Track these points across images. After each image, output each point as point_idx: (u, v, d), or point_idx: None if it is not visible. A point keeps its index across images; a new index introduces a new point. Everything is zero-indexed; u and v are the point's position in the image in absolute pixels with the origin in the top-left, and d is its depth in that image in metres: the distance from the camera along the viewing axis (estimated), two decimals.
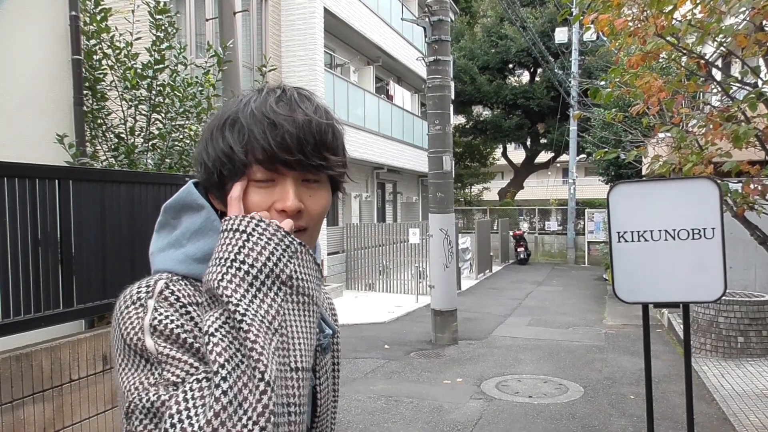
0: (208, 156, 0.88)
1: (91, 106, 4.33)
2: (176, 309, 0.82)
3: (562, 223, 22.20)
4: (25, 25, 3.77)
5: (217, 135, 0.88)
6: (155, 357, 0.80)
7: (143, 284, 0.87)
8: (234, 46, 5.29)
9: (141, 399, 0.79)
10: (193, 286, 0.87)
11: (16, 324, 2.88)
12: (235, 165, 0.85)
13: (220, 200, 0.91)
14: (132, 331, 0.82)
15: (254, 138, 0.84)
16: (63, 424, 3.11)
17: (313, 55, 12.77)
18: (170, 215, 0.94)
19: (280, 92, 0.90)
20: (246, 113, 0.86)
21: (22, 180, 2.88)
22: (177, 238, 0.91)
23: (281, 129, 0.84)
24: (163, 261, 0.91)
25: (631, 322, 9.76)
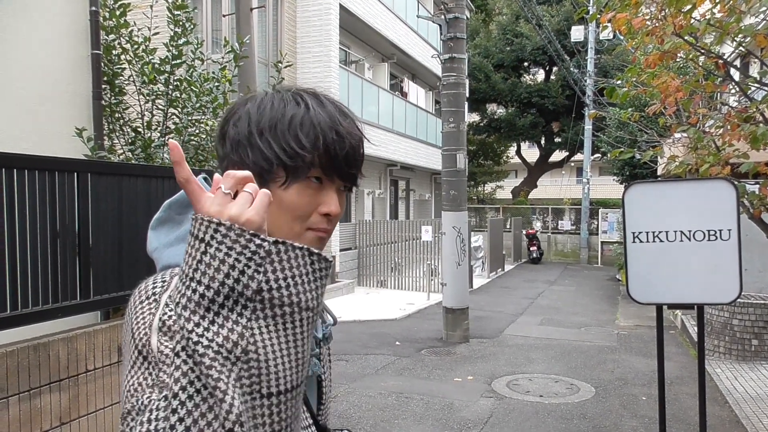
0: (269, 146, 0.88)
1: (109, 100, 4.38)
2: None
3: (575, 222, 22.08)
4: (46, 20, 3.82)
5: (286, 131, 0.88)
6: (155, 356, 0.77)
7: (159, 279, 0.86)
8: (250, 42, 5.32)
9: (138, 401, 0.76)
10: None
11: (34, 314, 2.92)
12: (302, 163, 0.88)
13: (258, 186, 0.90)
14: (141, 328, 0.80)
15: (326, 145, 0.88)
16: (78, 414, 3.16)
17: (328, 51, 12.78)
18: (175, 211, 0.95)
19: (336, 104, 0.94)
20: (313, 115, 0.89)
21: (42, 172, 2.93)
22: (185, 234, 0.91)
23: (346, 141, 0.90)
24: (172, 256, 0.91)
25: (643, 323, 9.70)
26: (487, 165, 28.50)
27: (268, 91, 0.96)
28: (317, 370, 1.02)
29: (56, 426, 3.02)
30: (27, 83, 3.73)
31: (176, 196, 0.96)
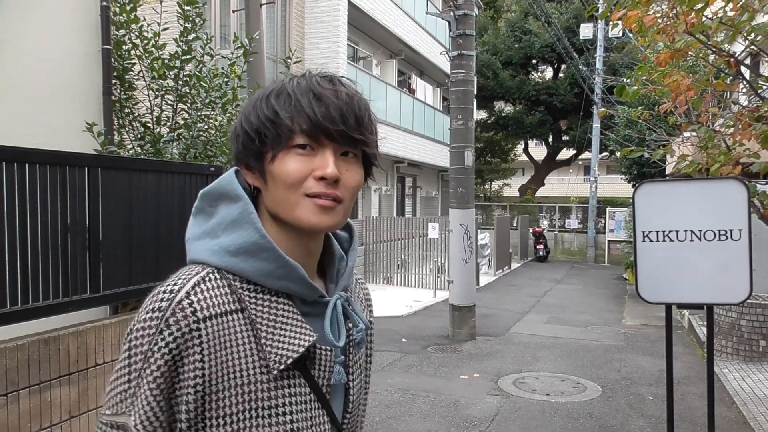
0: (251, 124, 0.90)
1: (119, 95, 4.40)
2: (183, 333, 0.82)
3: (582, 221, 22.01)
4: (58, 15, 3.84)
5: (262, 103, 0.90)
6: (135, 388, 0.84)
7: (170, 286, 0.86)
8: (259, 38, 5.32)
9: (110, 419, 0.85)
10: (228, 282, 0.88)
11: (45, 308, 2.94)
12: (280, 131, 0.87)
13: (257, 170, 0.92)
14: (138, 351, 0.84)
15: (301, 107, 0.87)
16: (87, 407, 3.17)
17: (337, 47, 12.78)
18: (207, 202, 0.95)
19: (322, 74, 0.93)
20: (292, 86, 0.90)
21: (53, 167, 2.94)
22: (212, 228, 0.92)
23: (326, 101, 0.88)
24: (198, 251, 0.92)
25: (650, 322, 9.67)
26: (494, 162, 28.43)
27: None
28: (341, 380, 0.98)
29: (66, 419, 3.04)
30: (38, 77, 3.75)
31: (209, 186, 0.96)
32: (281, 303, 0.90)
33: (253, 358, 0.87)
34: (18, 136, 3.13)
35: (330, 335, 0.93)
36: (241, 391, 0.85)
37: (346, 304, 0.99)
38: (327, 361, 0.94)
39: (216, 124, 4.73)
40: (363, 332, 1.03)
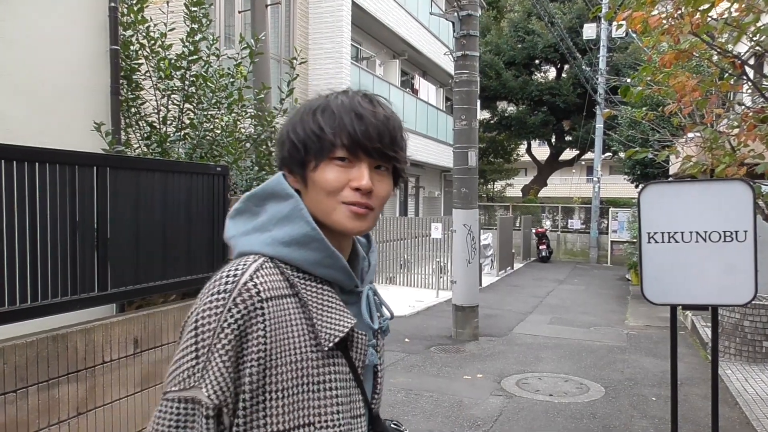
0: (297, 135, 1.01)
1: (125, 95, 4.42)
2: (249, 311, 0.91)
3: (585, 221, 22.01)
4: (67, 16, 3.86)
5: (308, 118, 1.01)
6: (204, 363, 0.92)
7: (232, 271, 0.95)
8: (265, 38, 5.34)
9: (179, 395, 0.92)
10: (280, 270, 0.99)
11: (53, 305, 2.96)
12: (323, 144, 0.98)
13: (299, 176, 1.03)
14: (207, 328, 0.92)
15: (343, 124, 0.98)
16: (95, 404, 3.19)
17: (340, 48, 12.80)
18: (253, 203, 1.05)
19: (362, 94, 1.04)
20: (336, 103, 1.00)
21: (63, 166, 2.96)
22: (263, 224, 1.02)
23: (366, 120, 0.99)
24: (248, 243, 1.01)
25: (653, 323, 9.67)
26: (497, 163, 28.42)
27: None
28: (374, 361, 1.11)
29: (73, 416, 3.06)
30: (48, 78, 3.77)
31: (256, 189, 1.06)
32: (326, 289, 1.01)
33: (306, 337, 0.97)
34: (29, 135, 3.16)
35: (367, 318, 1.07)
36: (296, 366, 0.95)
37: (375, 296, 1.12)
38: (362, 344, 1.05)
39: (222, 124, 4.75)
40: (388, 321, 1.16)
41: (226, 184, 4.04)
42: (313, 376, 0.96)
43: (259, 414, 0.93)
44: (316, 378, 0.96)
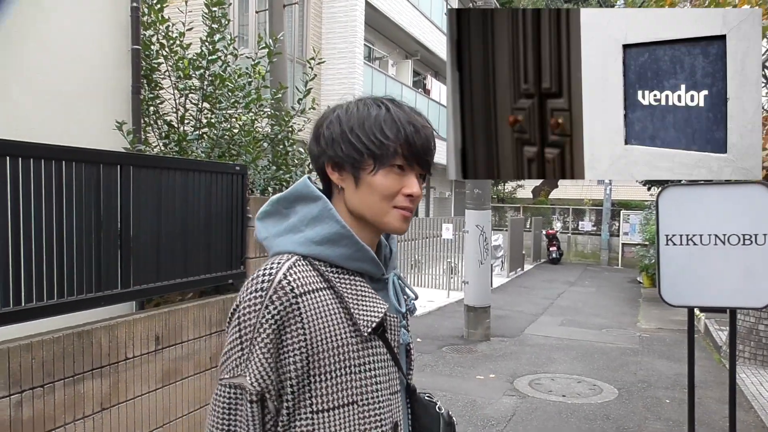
0: (359, 138, 1.07)
1: (145, 94, 4.47)
2: (285, 306, 1.00)
3: (596, 223, 21.93)
4: (90, 16, 3.92)
5: (372, 125, 1.07)
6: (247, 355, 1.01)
7: (268, 269, 1.04)
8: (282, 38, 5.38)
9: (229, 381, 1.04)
10: (313, 266, 1.07)
11: (79, 302, 3.01)
12: (386, 151, 1.06)
13: (350, 175, 1.10)
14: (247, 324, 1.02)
15: (405, 135, 1.08)
16: (118, 400, 3.24)
17: (353, 48, 12.84)
18: (283, 205, 1.13)
19: (409, 106, 1.15)
20: (398, 114, 1.09)
21: (88, 165, 3.01)
22: (294, 225, 1.10)
23: (422, 133, 1.10)
24: (283, 244, 1.09)
25: (666, 326, 9.64)
26: None
27: (351, 100, 1.14)
28: (407, 339, 1.22)
29: (98, 411, 3.10)
30: (70, 77, 3.83)
31: (285, 192, 1.14)
32: (358, 280, 1.10)
33: (344, 324, 1.05)
34: (52, 134, 3.20)
35: (396, 303, 1.16)
36: (337, 351, 1.03)
37: (400, 281, 1.22)
38: (395, 326, 1.15)
39: (239, 124, 4.79)
40: (414, 302, 1.26)
41: (245, 183, 4.08)
42: (354, 359, 1.05)
43: (306, 395, 1.02)
44: (357, 361, 1.05)
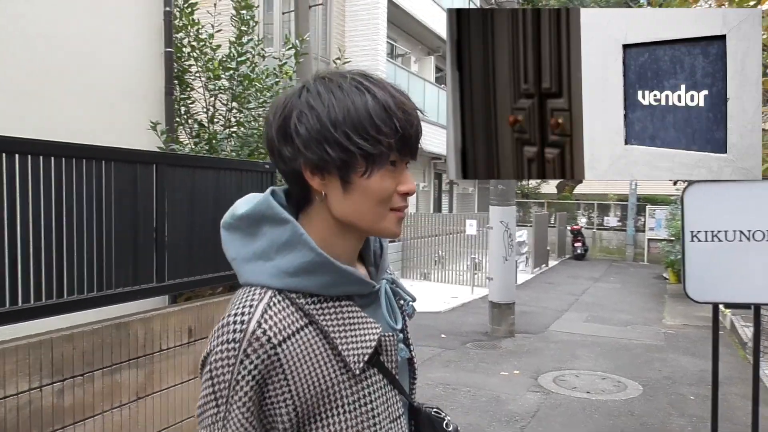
0: (349, 137, 0.88)
1: (177, 95, 4.61)
2: (262, 360, 0.86)
3: (621, 218, 21.71)
4: (127, 22, 4.07)
5: (364, 120, 0.88)
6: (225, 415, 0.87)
7: (239, 315, 0.89)
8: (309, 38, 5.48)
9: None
10: (290, 300, 0.92)
11: (117, 295, 3.15)
12: (382, 149, 0.89)
13: (337, 179, 0.91)
14: (221, 380, 0.87)
15: (401, 127, 0.90)
16: (153, 390, 3.37)
17: (376, 45, 12.92)
18: (245, 223, 0.95)
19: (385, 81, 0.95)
20: (387, 102, 0.90)
21: (126, 164, 3.14)
22: (264, 250, 0.93)
23: (414, 121, 0.93)
24: (253, 274, 0.93)
25: (691, 322, 9.56)
26: None
27: (311, 82, 0.93)
28: (406, 355, 1.07)
29: (133, 400, 3.24)
30: (109, 80, 3.97)
31: (248, 209, 0.95)
32: (344, 305, 0.95)
33: (332, 363, 0.92)
34: (92, 134, 3.35)
35: (390, 321, 1.01)
36: (327, 394, 0.91)
37: (392, 286, 1.07)
38: (392, 345, 1.00)
39: None
40: (412, 304, 1.12)
41: (274, 181, 4.19)
42: (347, 398, 0.93)
43: None
44: (350, 398, 0.93)
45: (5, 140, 2.56)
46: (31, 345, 2.62)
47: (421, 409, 1.12)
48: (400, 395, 1.03)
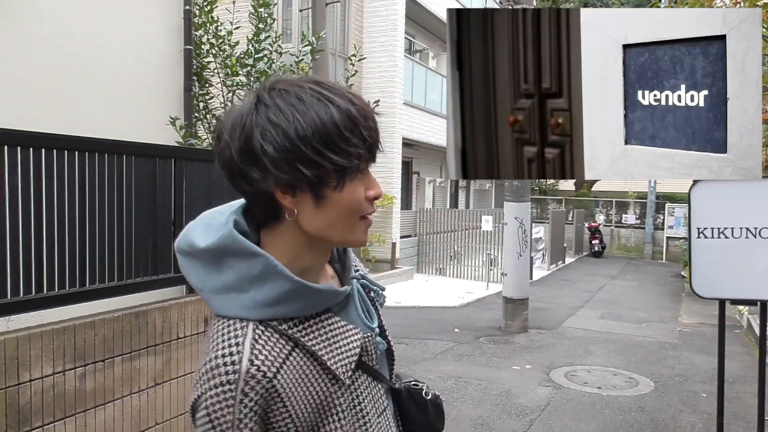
0: (319, 153, 0.85)
1: (195, 91, 4.72)
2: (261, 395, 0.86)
3: (640, 216, 21.56)
4: (147, 19, 4.19)
5: (332, 133, 0.86)
6: None
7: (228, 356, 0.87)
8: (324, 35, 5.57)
9: None
10: (273, 329, 0.91)
11: (137, 284, 3.27)
12: (355, 160, 0.88)
13: (310, 194, 0.89)
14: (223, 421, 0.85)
15: (363, 135, 0.89)
16: (170, 376, 3.49)
17: (394, 41, 12.97)
18: (207, 256, 0.92)
19: (336, 85, 0.92)
20: (351, 112, 0.88)
21: (146, 159, 3.25)
22: (234, 283, 0.91)
23: (375, 124, 0.91)
24: (228, 306, 0.91)
25: (707, 321, 9.51)
26: None
27: (264, 95, 0.89)
28: (383, 348, 1.09)
29: (152, 386, 3.36)
30: (130, 76, 4.10)
31: (210, 243, 0.91)
32: (323, 319, 0.96)
33: (323, 378, 0.93)
34: (114, 129, 3.47)
35: (366, 321, 1.03)
36: (323, 406, 0.93)
37: (361, 280, 1.08)
38: (371, 344, 1.03)
39: None
40: (383, 293, 1.13)
41: None
42: (341, 405, 0.95)
43: None
44: (343, 405, 0.95)
45: (34, 136, 2.68)
46: (55, 331, 2.75)
47: (400, 388, 1.15)
48: (382, 384, 1.07)
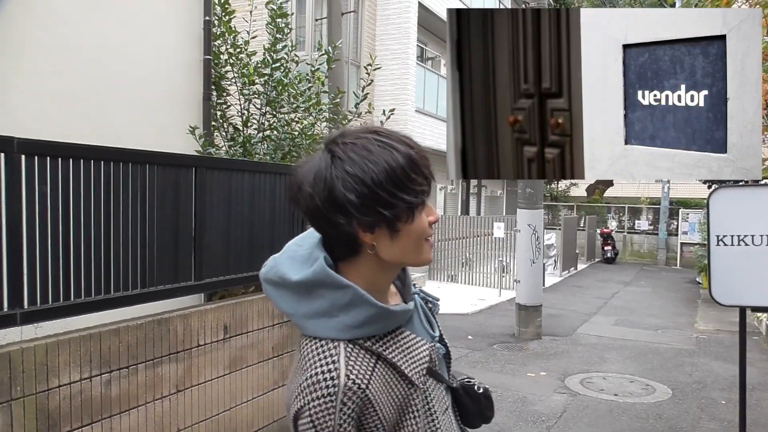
0: (394, 195, 1.01)
1: (214, 100, 4.78)
2: (357, 404, 1.02)
3: (653, 222, 21.42)
4: (168, 30, 4.25)
5: (402, 176, 1.01)
6: None
7: (326, 371, 1.02)
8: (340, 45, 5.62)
9: None
10: (361, 346, 1.06)
11: (158, 292, 3.31)
12: (423, 197, 1.05)
13: (386, 230, 1.03)
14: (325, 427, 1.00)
15: (425, 175, 1.05)
16: (191, 383, 3.53)
17: (406, 49, 13.02)
18: (299, 288, 1.08)
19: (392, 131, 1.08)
20: (410, 154, 1.03)
21: (168, 168, 3.30)
22: (326, 310, 1.06)
23: (429, 162, 1.07)
24: (320, 329, 1.06)
25: (724, 327, 9.43)
26: None
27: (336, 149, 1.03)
28: (442, 352, 1.25)
29: (173, 393, 3.39)
30: (151, 85, 4.16)
31: (304, 277, 1.07)
32: (397, 334, 1.12)
33: (401, 384, 1.09)
34: (135, 138, 3.53)
35: (429, 331, 1.21)
36: (404, 408, 1.08)
37: (420, 294, 1.26)
38: (435, 353, 1.18)
39: (300, 127, 5.05)
40: (437, 303, 1.31)
41: None
42: (417, 405, 1.10)
43: None
44: (418, 406, 1.10)
45: (62, 146, 2.73)
46: (82, 338, 2.79)
47: (458, 386, 1.29)
48: (443, 384, 1.21)
